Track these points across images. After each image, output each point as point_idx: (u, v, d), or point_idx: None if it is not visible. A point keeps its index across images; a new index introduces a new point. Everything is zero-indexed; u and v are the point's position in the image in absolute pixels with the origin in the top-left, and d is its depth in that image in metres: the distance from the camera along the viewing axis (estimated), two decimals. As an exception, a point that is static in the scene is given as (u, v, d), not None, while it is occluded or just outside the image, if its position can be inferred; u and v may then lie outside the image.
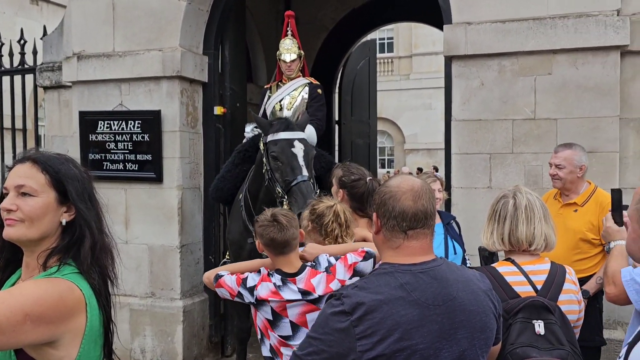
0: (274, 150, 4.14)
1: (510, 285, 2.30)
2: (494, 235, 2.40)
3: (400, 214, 1.77)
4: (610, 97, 4.38)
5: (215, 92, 5.85)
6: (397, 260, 1.78)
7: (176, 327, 5.49)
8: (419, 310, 1.69)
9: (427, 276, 1.75)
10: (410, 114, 27.17)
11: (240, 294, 2.77)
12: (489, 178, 4.63)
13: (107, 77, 5.68)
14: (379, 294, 1.69)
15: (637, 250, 1.46)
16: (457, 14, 4.70)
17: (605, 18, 4.33)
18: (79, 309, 1.54)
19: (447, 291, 1.75)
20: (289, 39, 5.30)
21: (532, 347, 2.14)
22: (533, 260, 2.40)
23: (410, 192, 1.78)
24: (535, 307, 2.23)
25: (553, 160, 3.90)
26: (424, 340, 1.68)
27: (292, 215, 2.83)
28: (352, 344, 1.64)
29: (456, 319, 1.73)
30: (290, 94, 5.27)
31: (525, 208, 2.37)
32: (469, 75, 4.67)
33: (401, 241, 1.79)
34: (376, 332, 1.64)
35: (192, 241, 5.72)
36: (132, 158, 5.60)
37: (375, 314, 1.65)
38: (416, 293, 1.71)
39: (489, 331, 1.84)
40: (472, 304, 1.78)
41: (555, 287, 2.32)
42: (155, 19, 5.56)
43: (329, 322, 1.69)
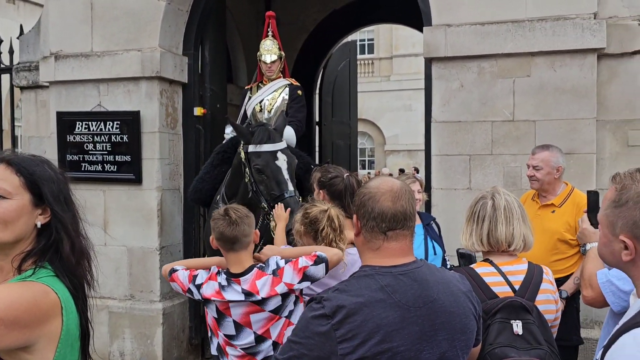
0: (258, 163, 4.12)
1: (489, 285, 2.32)
2: (473, 236, 2.41)
3: (380, 215, 1.76)
4: (587, 99, 4.44)
5: (195, 92, 5.82)
6: (378, 263, 1.78)
7: (156, 330, 5.44)
8: (400, 313, 1.69)
9: (407, 278, 1.75)
10: (390, 115, 27.27)
11: (190, 291, 2.82)
12: (468, 179, 4.67)
13: (86, 77, 5.62)
14: (359, 296, 1.68)
15: (608, 255, 1.48)
16: (436, 16, 4.73)
17: (583, 21, 4.39)
18: (55, 312, 1.51)
19: (427, 293, 1.75)
20: (270, 40, 5.29)
21: (511, 347, 2.16)
22: (511, 260, 2.41)
23: (390, 193, 1.78)
24: (514, 307, 2.25)
25: (530, 162, 3.94)
26: (404, 342, 1.67)
27: (246, 212, 2.79)
28: (333, 348, 1.64)
29: (437, 320, 1.74)
30: (270, 95, 5.26)
31: (504, 209, 2.39)
32: (448, 77, 4.70)
33: (381, 242, 1.78)
34: (357, 335, 1.64)
35: (172, 243, 5.68)
36: (110, 159, 5.55)
37: (356, 316, 1.65)
38: (397, 295, 1.70)
39: (469, 332, 1.84)
40: (452, 305, 1.78)
41: (532, 287, 2.34)
42: (134, 19, 5.51)
43: (309, 326, 1.69)
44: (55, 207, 1.63)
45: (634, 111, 4.50)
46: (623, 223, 1.41)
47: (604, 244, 1.48)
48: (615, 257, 1.45)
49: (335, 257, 2.77)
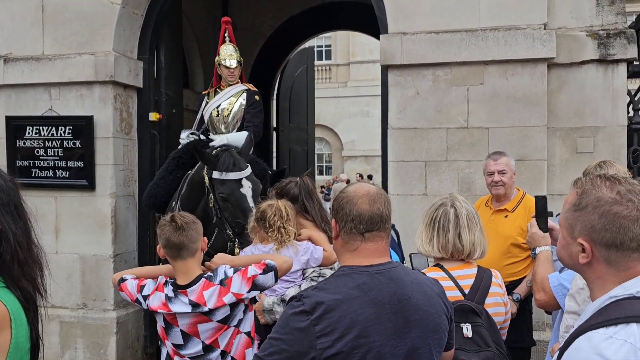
0: (223, 191, 4.12)
1: None
2: (433, 243, 2.44)
3: (357, 217, 1.84)
4: (538, 107, 4.56)
5: (151, 97, 5.74)
6: (355, 263, 1.85)
7: (109, 339, 5.33)
8: (375, 309, 1.76)
9: (383, 277, 1.82)
10: (348, 121, 27.43)
11: (138, 300, 2.77)
12: (424, 185, 4.73)
13: (36, 80, 5.47)
14: (337, 293, 1.76)
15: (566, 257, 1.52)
16: (393, 24, 4.79)
17: (533, 31, 4.51)
18: (3, 325, 1.47)
19: (402, 291, 1.82)
20: (232, 45, 5.28)
21: (461, 350, 2.21)
22: (461, 265, 2.46)
23: (367, 197, 1.87)
24: (464, 310, 2.31)
25: (495, 167, 3.93)
26: (380, 337, 1.74)
27: (193, 219, 2.74)
28: (312, 342, 1.71)
29: (411, 317, 1.81)
30: (227, 100, 5.23)
31: (466, 217, 2.44)
32: (404, 85, 4.76)
33: (359, 243, 1.85)
34: (335, 330, 1.71)
35: (127, 250, 5.57)
36: (62, 165, 5.42)
37: (333, 312, 1.72)
38: (373, 293, 1.78)
39: (442, 332, 1.92)
40: (426, 304, 1.86)
41: (482, 290, 2.40)
42: (87, 22, 5.41)
43: (289, 322, 1.75)
44: (5, 217, 1.58)
45: (582, 119, 4.65)
46: (582, 227, 1.45)
47: (563, 246, 1.53)
48: (573, 260, 1.49)
49: (285, 264, 2.77)
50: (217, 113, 5.25)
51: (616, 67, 4.59)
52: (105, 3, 5.35)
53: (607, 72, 4.61)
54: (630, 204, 1.40)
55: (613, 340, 1.28)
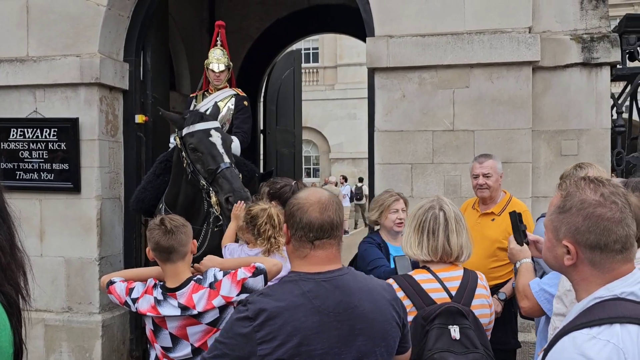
0: (192, 142, 4.10)
1: (427, 292, 2.37)
2: (422, 246, 2.45)
3: (307, 225, 1.84)
4: (523, 110, 4.59)
5: (137, 100, 5.71)
6: (304, 269, 1.86)
7: (95, 342, 5.29)
8: (319, 317, 1.78)
9: (329, 285, 1.83)
10: (335, 124, 27.46)
11: (127, 303, 2.76)
12: (410, 187, 4.75)
13: (20, 82, 5.43)
14: (281, 301, 1.78)
15: (552, 259, 1.53)
16: (379, 27, 4.80)
17: (518, 35, 4.55)
18: None
19: (348, 300, 1.83)
20: (219, 49, 5.27)
21: (449, 352, 2.22)
22: (447, 267, 2.48)
23: (318, 204, 1.86)
24: (451, 312, 2.31)
25: (480, 170, 3.95)
26: (322, 345, 1.77)
27: (183, 222, 2.72)
28: (253, 348, 1.74)
29: (356, 326, 1.82)
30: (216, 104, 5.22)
31: (454, 220, 2.46)
32: (391, 87, 4.78)
33: (308, 251, 1.86)
34: (276, 337, 1.73)
35: (112, 253, 5.54)
36: (47, 167, 5.38)
37: (276, 320, 1.74)
38: (317, 301, 1.79)
39: (391, 339, 1.93)
40: (373, 312, 1.86)
41: (468, 292, 2.41)
42: (72, 23, 5.37)
43: (233, 327, 1.79)
44: None
45: (566, 122, 4.69)
46: (566, 229, 1.46)
47: (548, 248, 1.54)
48: (558, 262, 1.50)
49: (275, 267, 2.77)
50: (205, 117, 5.23)
51: (600, 70, 4.64)
52: (90, 5, 5.32)
53: (590, 76, 4.66)
54: (613, 206, 1.42)
55: (596, 341, 1.29)
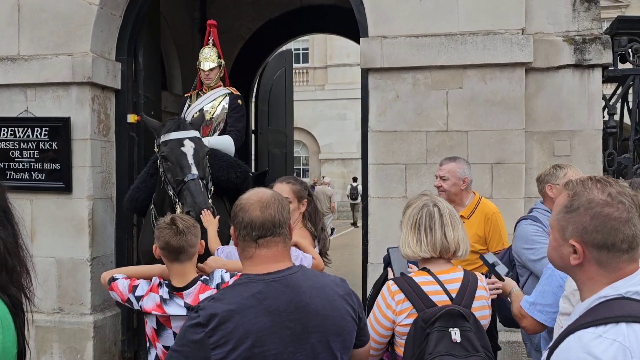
0: (164, 150, 4.10)
1: (427, 294, 2.36)
2: (421, 243, 2.43)
3: (249, 224, 1.86)
4: (516, 110, 4.62)
5: (129, 99, 5.68)
6: (253, 270, 1.87)
7: (86, 344, 5.25)
8: (271, 318, 1.78)
9: (279, 284, 1.83)
10: (325, 124, 27.46)
11: (129, 301, 2.74)
12: (404, 188, 4.76)
13: (11, 81, 5.39)
14: (231, 304, 1.77)
15: (557, 258, 1.53)
16: (373, 27, 4.81)
17: (511, 36, 4.57)
18: None
19: (299, 298, 1.83)
20: (208, 48, 5.25)
21: (450, 355, 2.21)
22: (448, 269, 2.46)
23: (258, 203, 1.88)
24: (452, 315, 2.29)
25: (438, 173, 3.97)
26: (276, 345, 1.77)
27: (193, 222, 2.73)
28: (206, 354, 1.73)
29: (309, 324, 1.83)
30: (210, 104, 5.21)
31: (449, 215, 2.46)
32: (384, 88, 4.79)
33: (253, 250, 1.87)
34: (229, 341, 1.73)
35: (104, 253, 5.50)
36: (38, 167, 5.34)
37: (227, 324, 1.74)
38: (268, 301, 1.79)
39: (347, 334, 1.94)
40: (325, 309, 1.87)
41: (468, 294, 2.40)
42: (64, 22, 5.34)
43: (186, 334, 1.78)
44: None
45: (559, 123, 4.72)
46: (573, 228, 1.46)
47: (554, 248, 1.54)
48: (564, 261, 1.50)
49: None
50: (200, 116, 5.21)
51: (592, 72, 4.68)
52: (82, 3, 5.29)
53: (583, 77, 4.69)
54: (620, 205, 1.42)
55: (602, 339, 1.30)
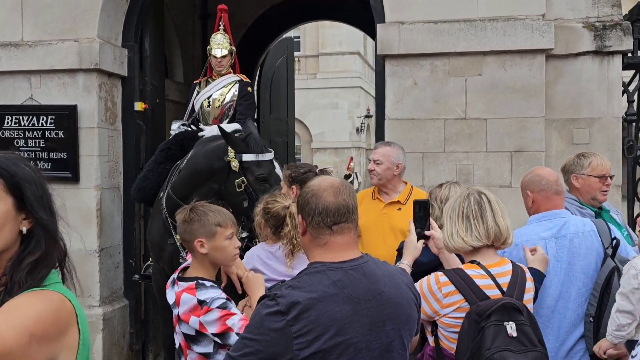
0: (262, 172, 4.04)
1: (480, 287, 2.30)
2: (472, 231, 2.36)
3: (324, 210, 1.83)
4: (536, 98, 4.55)
5: (136, 87, 5.55)
6: (326, 259, 1.83)
7: (95, 336, 5.15)
8: (352, 306, 1.76)
9: (357, 272, 1.82)
10: (317, 113, 27.35)
11: None
12: (422, 176, 4.68)
13: (15, 68, 5.23)
14: (313, 292, 1.73)
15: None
16: (390, 13, 4.71)
17: (532, 22, 4.49)
18: (72, 322, 1.41)
19: (376, 286, 1.82)
20: (221, 34, 5.11)
21: (506, 351, 2.15)
22: (497, 262, 2.40)
23: (331, 189, 1.85)
24: (506, 308, 2.24)
25: (372, 156, 3.90)
26: (357, 334, 1.75)
27: None
28: (289, 343, 1.69)
29: (385, 311, 1.82)
30: (219, 91, 5.09)
31: (497, 203, 2.41)
32: (402, 75, 4.70)
33: (328, 237, 1.84)
34: (312, 330, 1.69)
35: (112, 244, 5.39)
36: (44, 156, 5.21)
37: (310, 312, 1.70)
38: (348, 290, 1.77)
39: (413, 321, 1.94)
40: (397, 297, 1.87)
41: (519, 287, 2.35)
42: (70, 7, 5.19)
43: (264, 323, 1.72)
44: (39, 212, 1.48)
45: (577, 110, 4.66)
46: None
47: None
48: None
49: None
50: (208, 104, 5.10)
51: (612, 58, 4.62)
52: (89, -12, 5.14)
53: (602, 64, 4.63)
54: None
55: None
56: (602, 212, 3.42)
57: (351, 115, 27.08)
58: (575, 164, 3.47)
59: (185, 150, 4.75)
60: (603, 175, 3.35)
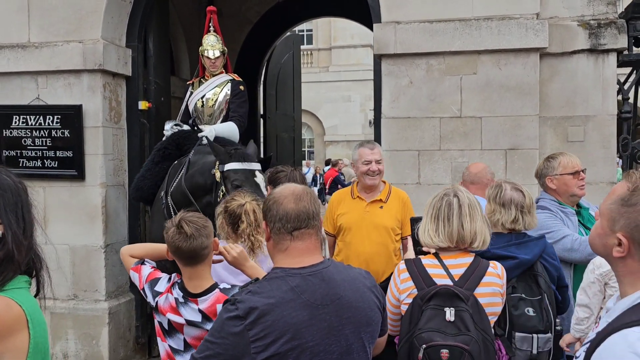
0: (238, 178, 4.06)
1: (430, 276, 2.43)
2: (439, 232, 2.47)
3: (285, 216, 1.89)
4: (530, 96, 4.59)
5: (140, 86, 5.67)
6: (287, 264, 1.89)
7: (101, 330, 5.30)
8: (309, 311, 1.81)
9: (315, 278, 1.87)
10: (329, 106, 27.38)
11: (144, 291, 2.64)
12: (417, 174, 4.75)
13: (22, 69, 5.37)
14: (270, 297, 1.80)
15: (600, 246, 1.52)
16: (386, 13, 4.77)
17: (526, 21, 4.53)
18: (19, 326, 1.48)
19: (334, 291, 1.88)
20: (213, 35, 5.21)
21: (439, 332, 2.27)
22: (456, 254, 2.51)
23: (292, 196, 1.92)
24: (448, 294, 2.36)
25: (373, 157, 3.89)
26: (313, 338, 1.80)
27: (203, 223, 2.54)
28: (246, 347, 1.76)
29: (343, 316, 1.87)
30: (212, 91, 5.19)
31: (468, 206, 2.48)
32: (398, 74, 4.76)
33: (288, 243, 1.90)
34: (269, 334, 1.76)
35: (117, 240, 5.52)
36: (51, 155, 5.34)
37: (267, 317, 1.77)
38: (305, 295, 1.83)
39: (375, 324, 1.99)
40: (357, 301, 1.92)
41: (473, 279, 2.44)
42: (74, 9, 5.31)
43: (224, 327, 1.80)
44: (10, 218, 1.57)
45: (573, 108, 4.70)
46: (625, 223, 1.45)
47: (599, 235, 1.53)
48: (607, 250, 1.49)
49: None
50: (202, 103, 5.21)
51: (607, 56, 4.64)
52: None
53: (597, 62, 4.66)
54: None
55: None
56: (582, 209, 3.49)
57: (363, 108, 27.06)
58: (546, 167, 3.55)
59: (181, 150, 4.86)
60: (575, 170, 3.42)
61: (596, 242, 1.54)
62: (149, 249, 2.92)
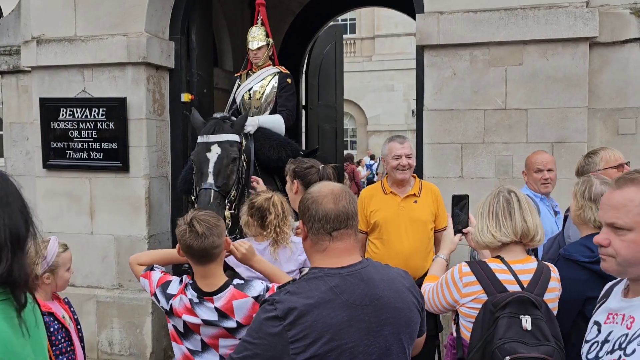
0: (192, 154, 4.11)
1: (500, 281, 2.34)
2: (500, 228, 2.41)
3: (324, 217, 1.86)
4: (579, 88, 4.44)
5: (182, 78, 5.72)
6: (326, 264, 1.87)
7: (145, 319, 5.40)
8: (348, 312, 1.79)
9: (354, 278, 1.84)
10: (372, 96, 27.20)
11: (156, 296, 2.60)
12: (460, 167, 4.66)
13: (69, 62, 5.48)
14: (309, 298, 1.78)
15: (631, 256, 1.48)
16: (429, 3, 4.68)
17: (575, 9, 4.37)
18: None
19: (373, 291, 1.85)
20: (256, 27, 5.22)
21: (519, 343, 2.18)
22: (522, 259, 2.44)
23: (331, 195, 1.89)
24: (522, 302, 2.27)
25: (403, 151, 3.82)
26: (353, 339, 1.78)
27: (215, 222, 2.47)
28: (285, 348, 1.73)
29: (382, 316, 1.84)
30: (259, 83, 5.19)
31: (525, 200, 2.45)
32: (441, 65, 4.67)
33: (327, 243, 1.88)
34: (308, 335, 1.73)
35: (160, 231, 5.61)
36: (96, 147, 5.45)
37: (306, 317, 1.74)
38: (345, 295, 1.80)
39: (414, 325, 1.96)
40: (397, 301, 1.89)
41: (541, 284, 2.37)
42: (119, 2, 5.38)
43: (262, 327, 1.78)
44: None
45: (624, 100, 4.53)
46: None
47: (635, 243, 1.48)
48: None
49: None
50: (249, 96, 5.22)
51: (661, 45, 4.45)
52: (136, -17, 5.31)
53: (651, 51, 4.47)
54: None
55: None
56: None
57: (406, 98, 26.77)
58: (587, 164, 3.46)
59: None
60: (619, 164, 3.34)
61: (628, 253, 1.48)
62: (156, 255, 2.94)
